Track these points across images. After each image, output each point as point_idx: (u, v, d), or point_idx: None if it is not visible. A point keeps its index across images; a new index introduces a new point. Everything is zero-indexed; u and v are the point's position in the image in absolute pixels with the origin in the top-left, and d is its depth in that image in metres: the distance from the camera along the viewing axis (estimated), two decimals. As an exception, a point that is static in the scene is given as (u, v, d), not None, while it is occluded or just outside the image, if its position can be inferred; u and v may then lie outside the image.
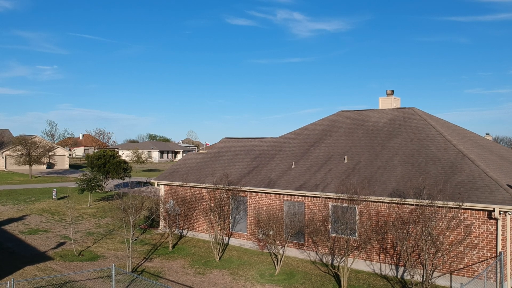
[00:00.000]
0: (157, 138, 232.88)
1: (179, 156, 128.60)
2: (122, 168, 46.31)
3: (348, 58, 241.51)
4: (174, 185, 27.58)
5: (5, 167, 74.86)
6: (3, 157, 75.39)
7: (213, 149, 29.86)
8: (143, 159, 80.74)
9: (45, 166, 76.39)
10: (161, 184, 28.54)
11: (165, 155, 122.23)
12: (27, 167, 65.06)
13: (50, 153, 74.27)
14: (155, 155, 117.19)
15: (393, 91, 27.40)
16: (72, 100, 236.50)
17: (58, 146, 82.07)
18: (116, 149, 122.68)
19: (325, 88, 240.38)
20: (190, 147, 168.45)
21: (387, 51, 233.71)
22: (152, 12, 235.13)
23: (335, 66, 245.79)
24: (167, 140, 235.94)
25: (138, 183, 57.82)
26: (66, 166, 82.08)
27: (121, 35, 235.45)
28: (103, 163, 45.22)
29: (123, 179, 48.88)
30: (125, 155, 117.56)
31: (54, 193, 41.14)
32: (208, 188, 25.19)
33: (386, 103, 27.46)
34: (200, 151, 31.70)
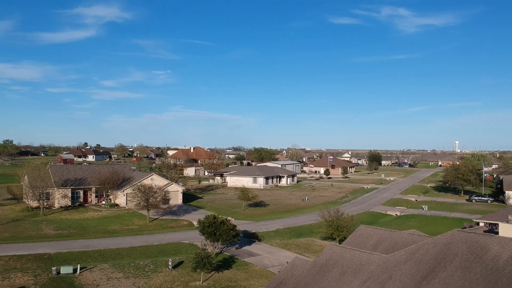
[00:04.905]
0: (264, 151, 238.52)
1: (283, 181, 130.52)
2: (232, 235, 48.49)
3: (457, 53, 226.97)
4: (282, 300, 28.23)
5: (126, 204, 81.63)
6: (124, 195, 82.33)
7: (320, 259, 29.99)
8: (250, 196, 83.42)
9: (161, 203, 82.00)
10: (270, 296, 29.32)
11: (269, 180, 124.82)
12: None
13: (165, 189, 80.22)
14: (260, 181, 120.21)
15: (516, 217, 25.45)
16: (183, 102, 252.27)
17: (172, 183, 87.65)
18: (224, 175, 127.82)
19: (432, 84, 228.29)
20: (294, 166, 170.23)
21: (500, 44, 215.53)
22: (256, 16, 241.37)
23: (443, 62, 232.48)
24: (272, 153, 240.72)
25: (246, 236, 59.90)
26: (180, 202, 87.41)
27: (227, 39, 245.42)
28: (213, 231, 47.77)
29: (232, 243, 51.18)
30: (232, 181, 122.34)
31: (169, 263, 44.26)
32: (316, 314, 25.43)
33: (507, 230, 25.56)
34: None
